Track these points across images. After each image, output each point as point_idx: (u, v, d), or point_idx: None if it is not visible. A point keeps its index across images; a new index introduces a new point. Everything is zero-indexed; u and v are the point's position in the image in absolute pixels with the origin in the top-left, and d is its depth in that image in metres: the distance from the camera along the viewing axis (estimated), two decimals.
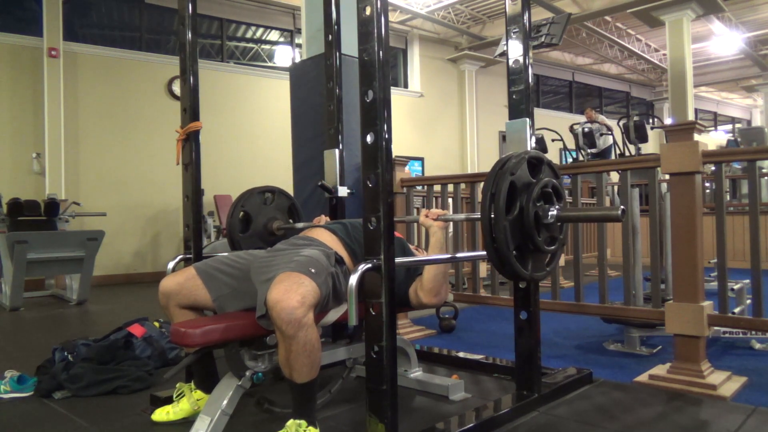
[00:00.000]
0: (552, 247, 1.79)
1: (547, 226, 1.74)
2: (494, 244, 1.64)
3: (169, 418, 1.96)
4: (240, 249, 2.37)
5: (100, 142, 7.15)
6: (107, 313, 4.85)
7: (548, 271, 1.88)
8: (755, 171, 2.29)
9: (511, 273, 1.71)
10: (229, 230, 2.40)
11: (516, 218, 1.67)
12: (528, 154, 1.79)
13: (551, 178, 1.80)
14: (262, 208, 2.47)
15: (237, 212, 2.40)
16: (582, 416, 1.98)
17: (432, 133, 10.67)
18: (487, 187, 1.66)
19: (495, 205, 1.62)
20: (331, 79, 2.70)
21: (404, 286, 1.98)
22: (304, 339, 1.54)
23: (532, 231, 1.69)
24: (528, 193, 1.69)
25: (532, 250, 1.74)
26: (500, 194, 1.62)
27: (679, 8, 8.70)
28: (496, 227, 1.62)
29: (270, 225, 2.47)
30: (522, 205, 1.69)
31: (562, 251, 1.90)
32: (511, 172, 1.67)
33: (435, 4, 9.42)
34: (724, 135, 15.69)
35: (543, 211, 1.73)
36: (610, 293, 2.73)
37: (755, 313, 2.24)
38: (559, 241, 1.82)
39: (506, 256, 1.65)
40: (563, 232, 1.85)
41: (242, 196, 2.43)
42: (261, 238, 2.44)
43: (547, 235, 1.76)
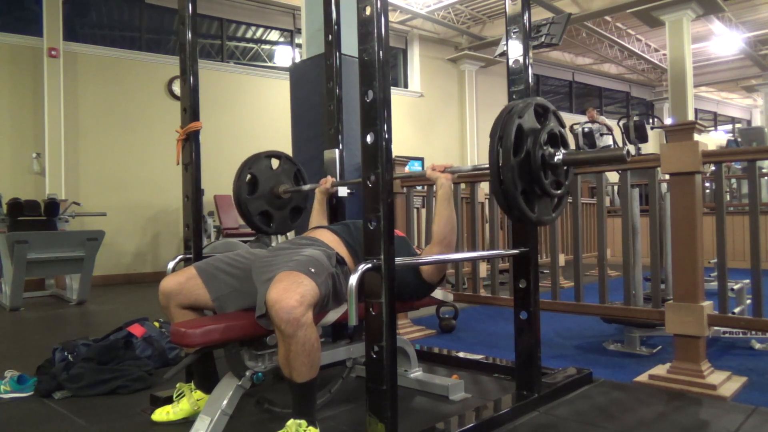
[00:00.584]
0: (558, 192, 1.79)
1: (553, 169, 1.74)
2: (502, 185, 1.65)
3: (169, 418, 1.95)
4: (247, 211, 2.44)
5: (100, 142, 7.15)
6: (107, 313, 4.85)
7: (554, 217, 1.88)
8: (755, 171, 2.29)
9: (518, 215, 1.71)
10: (236, 192, 2.43)
11: (523, 160, 1.68)
12: (534, 100, 1.79)
13: (557, 125, 1.80)
14: (268, 171, 2.52)
15: (244, 175, 2.43)
16: (582, 416, 1.98)
17: (432, 133, 10.67)
18: (495, 130, 1.66)
19: (503, 147, 1.63)
20: (331, 79, 2.70)
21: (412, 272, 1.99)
22: (303, 338, 1.54)
23: (539, 173, 1.69)
24: (535, 137, 1.70)
25: (539, 194, 1.74)
26: (508, 136, 1.63)
27: (679, 8, 8.70)
28: (504, 168, 1.62)
29: (276, 188, 2.51)
30: (529, 149, 1.69)
31: (567, 198, 1.90)
32: (519, 116, 1.67)
33: (435, 4, 9.42)
34: (724, 135, 15.70)
35: (549, 153, 1.73)
36: (610, 293, 2.73)
37: (755, 313, 2.24)
38: (564, 186, 1.82)
39: (513, 196, 1.65)
40: (568, 179, 1.86)
41: (249, 160, 2.47)
42: (267, 201, 2.49)
43: (553, 178, 1.76)
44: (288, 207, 2.58)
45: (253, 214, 2.46)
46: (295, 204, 2.61)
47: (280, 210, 2.55)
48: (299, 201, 2.62)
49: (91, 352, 2.46)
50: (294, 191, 2.54)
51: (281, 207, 2.55)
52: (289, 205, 2.58)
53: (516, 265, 2.14)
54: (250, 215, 2.46)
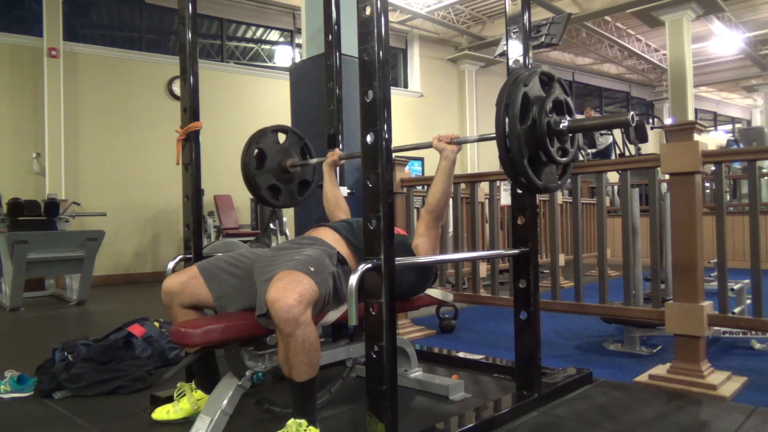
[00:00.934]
0: (564, 159, 1.79)
1: (559, 136, 1.74)
2: (508, 153, 1.65)
3: (170, 417, 1.96)
4: (255, 184, 2.47)
5: (100, 142, 7.15)
6: (107, 313, 4.85)
7: (560, 185, 1.88)
8: (755, 171, 2.29)
9: (524, 182, 1.72)
10: (244, 166, 2.46)
11: (529, 128, 1.68)
12: (539, 68, 1.80)
13: (562, 93, 1.81)
14: (276, 146, 2.54)
15: (252, 149, 2.47)
16: (582, 416, 1.98)
17: (432, 133, 10.44)
18: (501, 99, 1.67)
19: (509, 116, 1.63)
20: (331, 79, 2.70)
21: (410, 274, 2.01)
22: (302, 337, 1.54)
23: (544, 140, 1.69)
24: (540, 105, 1.70)
25: (545, 161, 1.75)
26: (514, 104, 1.63)
27: (679, 8, 8.70)
28: (511, 136, 1.63)
29: (284, 162, 2.53)
30: (534, 117, 1.69)
31: (572, 166, 1.91)
32: (524, 84, 1.68)
33: (435, 4, 9.42)
34: (724, 135, 15.69)
35: (555, 121, 1.73)
36: (610, 293, 2.73)
37: (755, 313, 2.24)
38: (570, 153, 1.83)
39: (520, 164, 1.65)
40: (574, 146, 1.86)
41: (256, 135, 2.51)
42: (275, 175, 2.52)
43: (559, 145, 1.76)
44: (295, 181, 2.60)
45: (262, 187, 2.49)
46: (303, 178, 2.63)
47: (287, 184, 2.57)
48: (306, 174, 2.64)
49: (91, 352, 2.46)
50: (301, 165, 2.57)
51: (289, 181, 2.57)
52: (297, 178, 2.61)
53: (516, 265, 2.14)
54: (259, 189, 2.48)
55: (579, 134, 1.88)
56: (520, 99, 1.65)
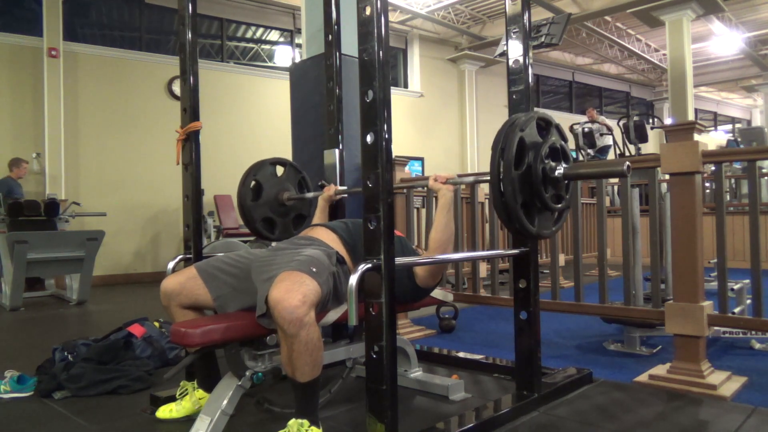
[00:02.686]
0: (558, 206, 1.79)
1: (554, 183, 1.75)
2: (502, 197, 1.65)
3: (172, 416, 1.97)
4: (251, 217, 2.44)
5: (100, 142, 7.15)
6: (107, 313, 4.85)
7: (554, 231, 1.88)
8: (755, 171, 2.29)
9: (518, 228, 1.72)
10: (240, 198, 2.44)
11: (524, 173, 1.68)
12: (537, 114, 1.80)
13: (559, 139, 1.81)
14: (273, 178, 2.53)
15: (249, 181, 2.45)
16: (582, 416, 1.98)
17: (432, 133, 10.67)
18: (497, 143, 1.67)
19: (504, 160, 1.63)
20: (331, 79, 2.70)
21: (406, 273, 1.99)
22: (306, 338, 1.54)
23: (539, 187, 1.70)
24: (536, 150, 1.70)
25: (539, 207, 1.74)
26: (510, 149, 1.63)
27: (679, 8, 8.70)
28: (505, 181, 1.63)
29: (280, 195, 2.52)
30: (530, 162, 1.69)
31: (567, 212, 1.91)
32: (521, 129, 1.68)
33: (435, 4, 9.43)
34: (724, 135, 15.69)
35: (551, 167, 1.73)
36: (610, 293, 2.73)
37: (755, 313, 2.25)
38: (565, 200, 1.83)
39: (514, 210, 1.65)
40: (569, 192, 1.86)
41: (254, 167, 2.48)
42: (271, 208, 2.49)
43: (554, 192, 1.76)
44: (291, 214, 2.58)
45: (257, 220, 2.46)
46: (299, 211, 2.61)
47: (283, 217, 2.55)
48: (303, 208, 2.61)
49: (91, 352, 2.46)
50: (297, 199, 2.54)
51: (284, 214, 2.55)
52: (293, 212, 2.58)
53: (516, 265, 2.14)
54: (254, 221, 2.46)
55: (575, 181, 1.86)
56: (516, 144, 1.64)
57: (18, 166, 6.29)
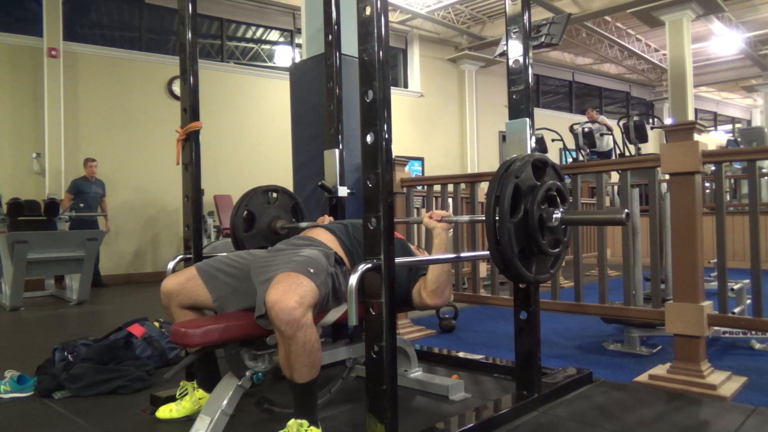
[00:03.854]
0: (556, 250, 1.79)
1: (551, 229, 1.74)
2: (498, 246, 1.64)
3: (172, 416, 1.97)
4: (243, 248, 2.37)
5: (100, 142, 7.15)
6: (107, 313, 4.85)
7: (552, 274, 1.88)
8: (755, 171, 2.29)
9: (515, 276, 1.71)
10: (233, 229, 2.40)
11: (520, 221, 1.67)
12: (532, 157, 1.78)
13: (555, 181, 1.80)
14: (265, 207, 2.48)
15: (241, 211, 2.40)
16: (582, 416, 1.98)
17: (432, 133, 10.67)
18: (492, 190, 1.66)
19: (500, 208, 1.62)
20: (331, 79, 2.70)
21: (406, 286, 1.98)
22: (303, 339, 1.54)
23: (536, 234, 1.69)
24: (532, 196, 1.69)
25: (536, 252, 1.73)
26: (505, 197, 1.63)
27: (679, 8, 8.70)
28: (501, 230, 1.62)
29: (274, 224, 2.47)
30: (527, 208, 1.68)
31: (565, 254, 1.90)
32: (516, 175, 1.67)
33: (435, 4, 9.43)
34: (724, 135, 15.69)
35: (547, 214, 1.73)
36: (610, 293, 2.73)
37: (755, 313, 2.25)
38: (563, 243, 1.82)
39: (510, 258, 1.65)
40: (567, 235, 1.85)
41: (246, 195, 2.44)
42: (264, 237, 2.45)
43: (551, 237, 1.76)
44: None
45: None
46: None
47: None
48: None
49: (91, 352, 2.46)
50: (291, 227, 2.49)
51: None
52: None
53: None
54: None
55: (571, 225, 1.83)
56: (511, 191, 1.64)
57: (85, 165, 6.52)
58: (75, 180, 6.49)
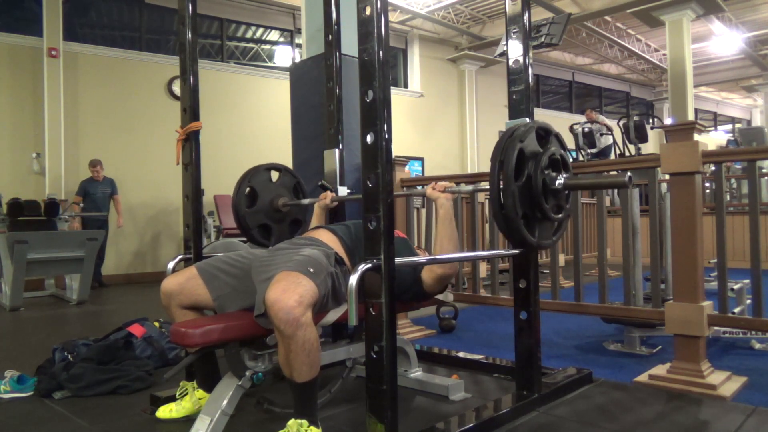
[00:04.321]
0: (559, 216, 1.79)
1: (554, 193, 1.74)
2: (503, 210, 1.64)
3: (172, 416, 1.97)
4: (246, 224, 2.41)
5: (100, 142, 7.15)
6: (107, 313, 4.85)
7: (554, 240, 1.88)
8: (755, 171, 2.29)
9: (518, 239, 1.72)
10: (235, 205, 2.41)
11: (524, 185, 1.68)
12: (536, 124, 1.79)
13: (558, 148, 1.80)
14: (267, 184, 2.50)
15: (243, 188, 2.41)
16: (582, 416, 1.98)
17: (432, 133, 10.67)
18: (496, 155, 1.66)
19: (504, 172, 1.63)
20: (331, 79, 2.70)
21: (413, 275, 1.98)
22: (302, 338, 1.54)
23: (540, 198, 1.69)
24: (536, 161, 1.69)
25: (539, 218, 1.74)
26: (509, 161, 1.63)
27: (679, 8, 8.70)
28: (505, 193, 1.63)
29: (276, 201, 2.49)
30: (530, 173, 1.69)
31: (567, 221, 1.91)
32: (520, 140, 1.67)
33: (435, 4, 9.42)
34: (724, 135, 15.69)
35: (551, 178, 1.73)
36: (610, 293, 2.73)
37: (755, 313, 2.24)
38: (565, 210, 1.82)
39: (514, 222, 1.65)
40: (569, 202, 1.86)
41: (248, 173, 2.45)
42: (266, 215, 2.47)
43: (554, 202, 1.76)
44: (287, 220, 2.56)
45: (252, 227, 2.43)
46: (294, 217, 2.58)
47: (279, 223, 2.52)
48: (298, 214, 2.59)
49: (91, 352, 2.46)
50: (293, 205, 2.52)
51: (280, 220, 2.53)
52: (288, 218, 2.56)
53: (516, 265, 2.14)
54: (249, 228, 2.43)
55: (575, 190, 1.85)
56: (516, 156, 1.64)
57: (93, 166, 6.52)
58: (82, 182, 6.51)
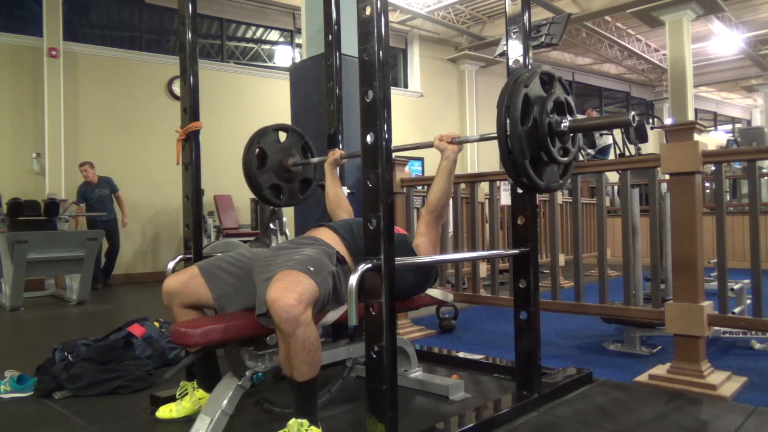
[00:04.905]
0: (565, 159, 1.80)
1: (560, 136, 1.75)
2: (510, 155, 1.66)
3: (172, 416, 1.97)
4: (257, 184, 2.47)
5: (100, 142, 7.15)
6: (107, 313, 4.85)
7: (561, 184, 1.89)
8: (755, 171, 2.29)
9: (526, 182, 1.73)
10: (245, 166, 2.45)
11: (530, 129, 1.69)
12: (540, 68, 1.80)
13: (563, 93, 1.81)
14: (276, 145, 2.54)
15: (253, 149, 2.46)
16: (582, 416, 1.98)
17: (432, 133, 10.46)
18: (502, 101, 1.67)
19: (510, 117, 1.64)
20: (331, 79, 2.70)
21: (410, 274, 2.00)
22: (302, 337, 1.54)
23: (546, 141, 1.70)
24: (541, 105, 1.70)
25: (546, 161, 1.75)
26: (515, 105, 1.64)
27: (679, 8, 8.70)
28: (512, 137, 1.64)
29: (285, 161, 2.53)
30: (536, 117, 1.70)
31: (573, 166, 1.93)
32: (525, 85, 1.68)
33: (435, 4, 9.42)
34: (724, 135, 15.68)
35: (556, 121, 1.74)
36: (610, 293, 2.73)
37: (755, 313, 2.24)
38: (571, 152, 1.83)
39: (522, 165, 1.66)
40: (575, 145, 1.87)
41: (257, 134, 2.50)
42: (276, 174, 2.52)
43: (560, 145, 1.77)
44: (297, 179, 2.60)
45: (263, 187, 2.49)
46: (304, 176, 2.63)
47: (289, 183, 2.57)
48: (308, 173, 2.64)
49: (91, 352, 2.46)
50: (302, 164, 2.57)
51: (290, 180, 2.57)
52: (298, 177, 2.60)
53: (516, 265, 2.14)
54: (260, 188, 2.48)
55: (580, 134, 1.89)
56: (521, 100, 1.65)
57: (81, 167, 6.36)
58: (78, 188, 6.41)
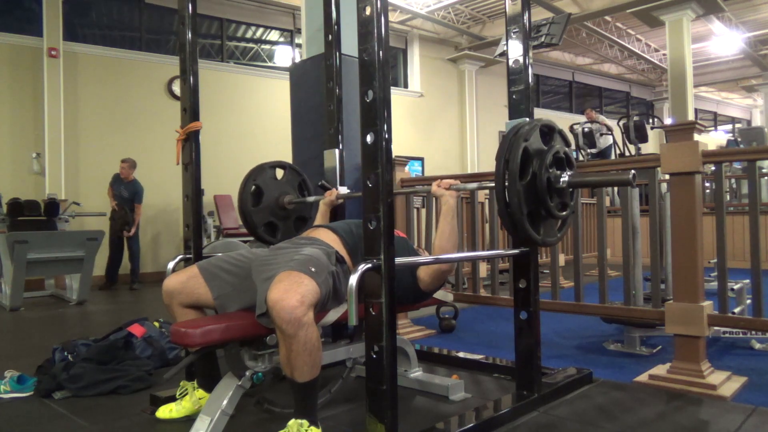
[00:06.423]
0: (563, 213, 1.80)
1: (558, 191, 1.76)
2: (508, 208, 1.66)
3: (172, 416, 1.97)
4: (252, 222, 2.43)
5: (100, 142, 7.14)
6: (107, 313, 4.85)
7: (559, 237, 1.89)
8: (755, 171, 2.29)
9: (523, 237, 1.74)
10: (241, 203, 2.42)
11: (529, 183, 1.70)
12: (540, 122, 1.80)
13: (562, 146, 1.81)
14: (273, 182, 2.51)
15: (249, 186, 2.43)
16: (582, 416, 1.98)
17: (432, 133, 10.67)
18: (501, 154, 1.68)
19: (509, 170, 1.64)
20: (331, 79, 2.70)
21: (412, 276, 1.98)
22: (304, 338, 1.54)
23: (544, 196, 1.71)
24: (540, 159, 1.71)
25: (544, 215, 1.76)
26: (514, 159, 1.65)
27: (679, 8, 8.70)
28: (510, 191, 1.65)
29: (281, 199, 2.50)
30: (535, 171, 1.71)
31: (572, 219, 1.93)
32: (525, 138, 1.68)
33: (435, 4, 9.42)
34: (724, 135, 15.68)
35: (555, 176, 1.74)
36: (610, 293, 2.73)
37: (755, 313, 2.24)
38: (570, 207, 1.84)
39: (519, 220, 1.67)
40: (574, 200, 1.87)
41: (253, 171, 2.47)
42: (272, 213, 2.48)
43: (558, 200, 1.78)
44: (292, 217, 2.57)
45: (258, 225, 2.45)
46: (300, 214, 2.60)
47: (284, 221, 2.54)
48: (304, 211, 2.61)
49: (91, 352, 2.46)
50: (298, 202, 2.53)
51: (286, 218, 2.54)
52: (294, 215, 2.57)
53: (516, 265, 2.14)
54: (255, 227, 2.44)
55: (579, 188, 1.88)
56: (521, 154, 1.65)
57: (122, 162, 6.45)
58: (115, 173, 6.51)
